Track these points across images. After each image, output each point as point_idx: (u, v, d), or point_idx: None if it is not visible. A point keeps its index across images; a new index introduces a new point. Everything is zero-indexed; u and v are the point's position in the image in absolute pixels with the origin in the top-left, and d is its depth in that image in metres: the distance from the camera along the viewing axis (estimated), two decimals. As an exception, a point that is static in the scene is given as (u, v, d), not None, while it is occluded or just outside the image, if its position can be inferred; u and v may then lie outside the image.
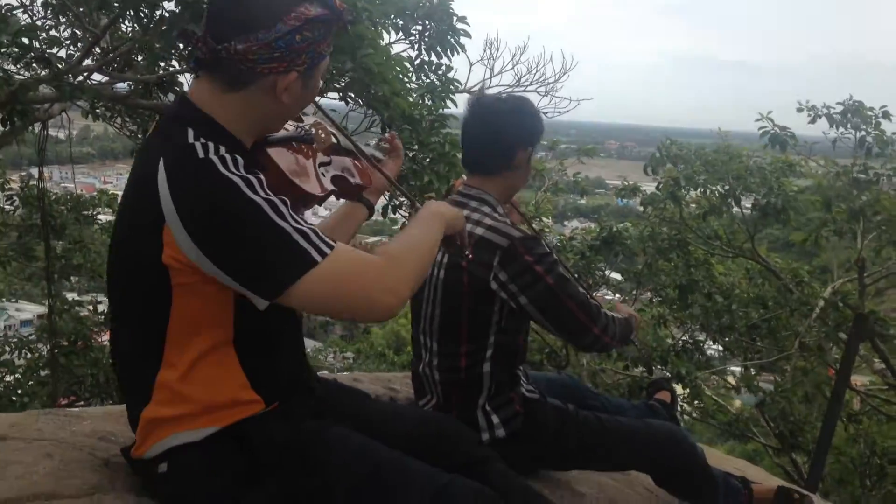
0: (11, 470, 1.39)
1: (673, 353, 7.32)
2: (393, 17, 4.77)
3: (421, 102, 4.84)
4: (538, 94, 6.88)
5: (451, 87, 5.04)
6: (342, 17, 1.35)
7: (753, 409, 7.86)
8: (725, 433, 9.09)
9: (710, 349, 8.61)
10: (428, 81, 5.08)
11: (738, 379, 8.26)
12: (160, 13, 3.83)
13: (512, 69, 6.98)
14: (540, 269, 1.84)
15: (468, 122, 2.00)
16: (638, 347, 2.36)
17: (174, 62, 4.49)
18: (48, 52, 4.14)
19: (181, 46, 3.87)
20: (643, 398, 2.68)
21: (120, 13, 4.15)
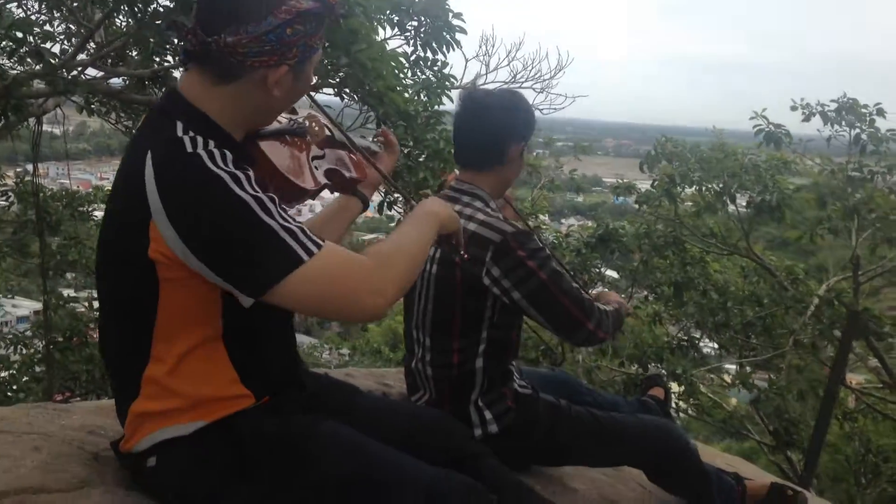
0: (-1, 463, 1.38)
1: (668, 350, 7.33)
2: (388, 12, 4.75)
3: (416, 99, 4.82)
4: (534, 90, 6.88)
5: (446, 83, 5.02)
6: (334, 10, 1.33)
7: (749, 406, 7.87)
8: (721, 431, 9.11)
9: (705, 347, 8.62)
10: (423, 78, 5.06)
11: (733, 376, 8.28)
12: (154, 7, 3.81)
13: (507, 66, 6.98)
14: (533, 264, 1.83)
15: (460, 116, 1.99)
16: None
17: (168, 57, 4.48)
18: (42, 46, 4.13)
19: (175, 41, 3.86)
20: (637, 394, 2.68)
21: (114, 7, 4.14)
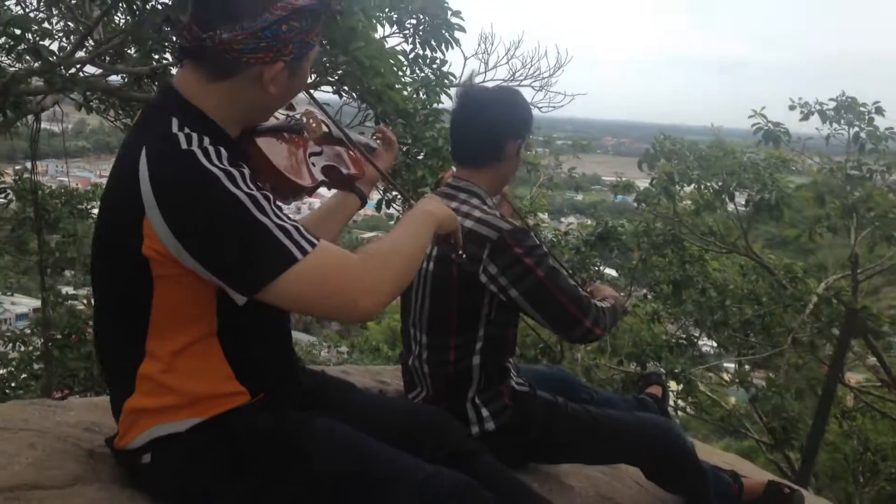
0: (-7, 461, 1.37)
1: (667, 349, 7.33)
2: (387, 10, 4.75)
3: (415, 97, 4.82)
4: (533, 88, 6.87)
5: (445, 81, 5.02)
6: (330, 6, 1.33)
7: (747, 404, 7.88)
8: (721, 430, 9.11)
9: (704, 346, 8.62)
10: (422, 76, 5.06)
11: (732, 375, 8.28)
12: (152, 4, 3.81)
13: (507, 64, 6.97)
14: (530, 261, 1.83)
15: (457, 113, 1.98)
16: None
17: (167, 54, 4.47)
18: (40, 44, 4.12)
19: (174, 38, 3.85)
20: (634, 392, 2.67)
21: (113, 4, 4.13)
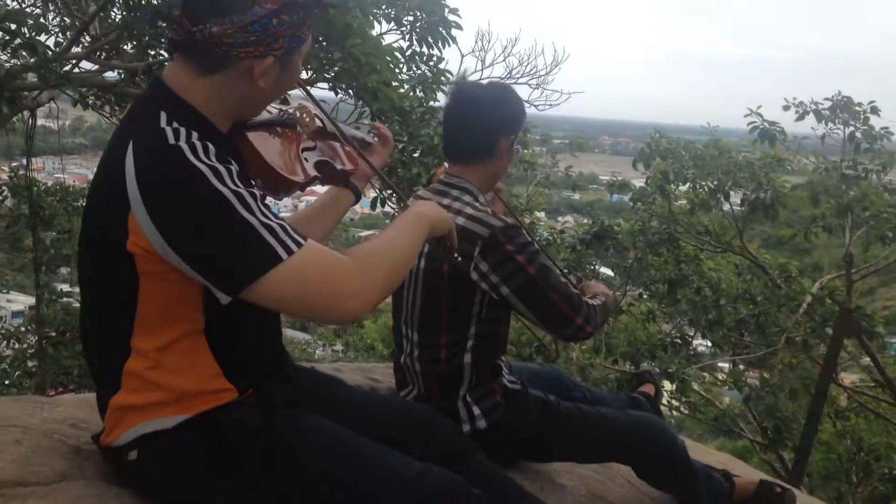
0: (-23, 457, 1.36)
1: (661, 348, 7.33)
2: (384, 7, 4.74)
3: (412, 94, 4.81)
4: (529, 86, 6.87)
5: (441, 78, 5.02)
6: (322, 0, 1.32)
7: (741, 404, 7.88)
8: (715, 430, 9.11)
9: (700, 346, 8.62)
10: (419, 73, 5.06)
11: (726, 375, 8.29)
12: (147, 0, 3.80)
13: (503, 61, 6.98)
14: (521, 258, 1.82)
15: (449, 109, 1.98)
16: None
17: (163, 50, 4.45)
18: (36, 39, 4.10)
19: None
20: (627, 391, 2.67)
21: (108, 0, 4.12)
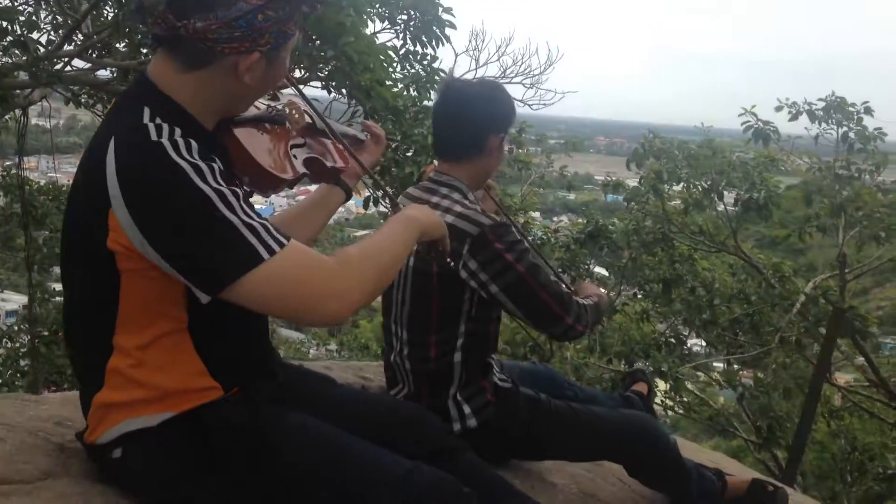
0: (-40, 455, 1.35)
1: (655, 347, 7.33)
2: (378, 5, 4.74)
3: (405, 93, 4.80)
4: (524, 85, 6.87)
5: (435, 77, 5.01)
6: None
7: (736, 404, 7.89)
8: (710, 430, 9.13)
9: (694, 345, 8.63)
10: (413, 72, 5.05)
11: (720, 374, 8.29)
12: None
13: (497, 61, 6.97)
14: (510, 256, 1.81)
15: (439, 106, 1.97)
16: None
17: (146, 45, 4.43)
18: (27, 36, 4.08)
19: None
20: (620, 389, 2.67)
21: (100, -3, 4.10)
